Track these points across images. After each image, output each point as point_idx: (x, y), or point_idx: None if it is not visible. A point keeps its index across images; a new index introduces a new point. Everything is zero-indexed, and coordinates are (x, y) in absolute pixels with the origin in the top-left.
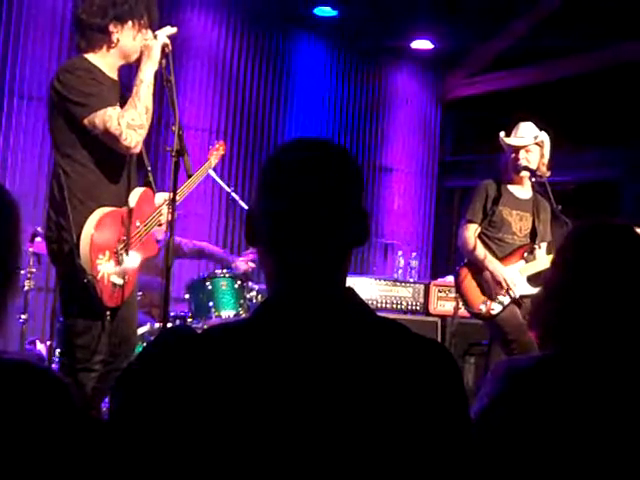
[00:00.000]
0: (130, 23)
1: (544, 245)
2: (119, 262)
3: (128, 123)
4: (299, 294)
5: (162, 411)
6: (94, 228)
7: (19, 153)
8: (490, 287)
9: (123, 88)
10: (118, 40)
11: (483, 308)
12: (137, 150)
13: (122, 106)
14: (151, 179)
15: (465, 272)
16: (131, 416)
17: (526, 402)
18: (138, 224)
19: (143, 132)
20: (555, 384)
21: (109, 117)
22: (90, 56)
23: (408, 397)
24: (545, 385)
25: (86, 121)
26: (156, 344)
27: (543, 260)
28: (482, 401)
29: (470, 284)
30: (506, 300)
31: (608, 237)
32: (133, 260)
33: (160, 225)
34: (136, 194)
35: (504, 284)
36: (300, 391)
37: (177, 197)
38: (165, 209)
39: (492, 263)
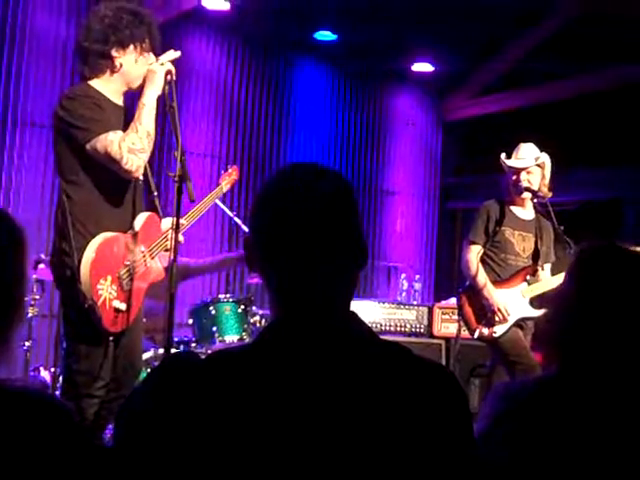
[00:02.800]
0: (132, 47)
1: (547, 266)
2: (122, 287)
3: (129, 147)
4: (300, 319)
5: (166, 439)
6: (94, 252)
7: (22, 179)
8: (487, 314)
9: (129, 114)
10: (121, 65)
11: (485, 331)
12: (139, 174)
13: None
14: (157, 204)
15: (467, 295)
16: (135, 444)
17: (526, 422)
18: (143, 249)
19: (145, 156)
20: (554, 405)
21: (110, 142)
22: (94, 82)
23: (413, 421)
24: (544, 406)
25: (88, 146)
26: (159, 371)
27: (547, 282)
28: (481, 422)
29: (472, 307)
30: (507, 323)
31: (616, 260)
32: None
33: (167, 250)
34: (141, 219)
35: (499, 314)
36: (304, 416)
37: (185, 222)
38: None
39: (489, 292)
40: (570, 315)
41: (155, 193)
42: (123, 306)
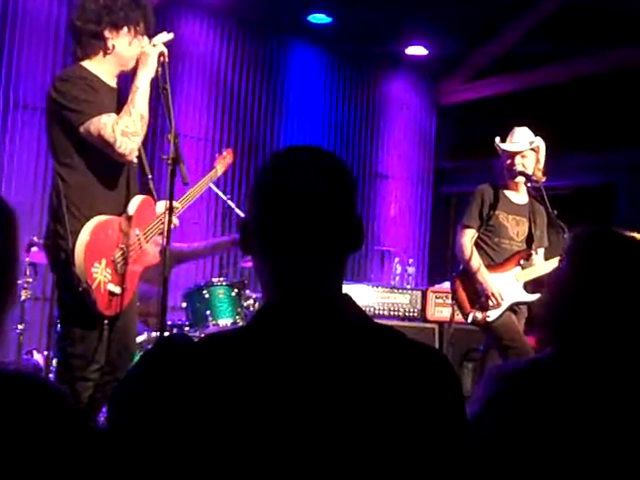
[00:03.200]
0: (125, 29)
1: (541, 251)
2: (116, 270)
3: (122, 130)
4: (294, 302)
5: (159, 422)
6: (89, 236)
7: (15, 162)
8: (481, 298)
9: (122, 96)
10: (114, 46)
11: (479, 315)
12: (132, 157)
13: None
14: (151, 187)
15: (461, 279)
16: (128, 427)
17: (519, 403)
18: (137, 232)
19: (138, 139)
20: (549, 386)
21: (103, 124)
22: (86, 63)
23: (406, 404)
24: (538, 386)
25: (81, 129)
26: (152, 354)
27: (541, 266)
28: (475, 405)
29: (466, 291)
30: (501, 308)
31: (613, 244)
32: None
33: (161, 234)
34: (136, 202)
35: (493, 299)
36: (297, 399)
37: (179, 205)
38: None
39: (483, 276)
40: (566, 299)
41: (149, 176)
42: (118, 289)
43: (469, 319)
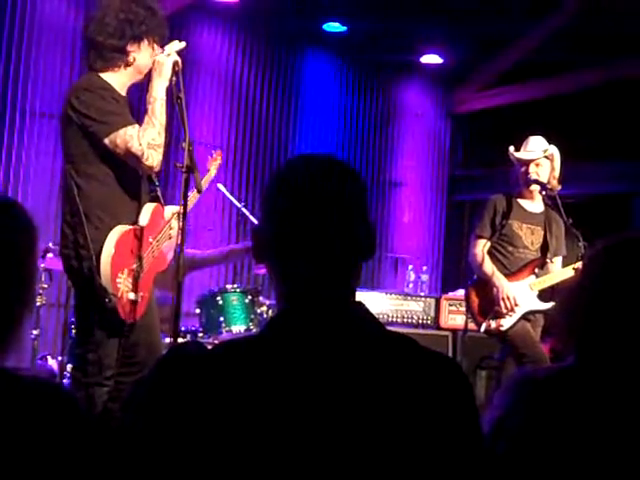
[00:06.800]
0: (146, 41)
1: (558, 259)
2: (136, 279)
3: (149, 143)
4: (308, 310)
5: (171, 428)
6: (114, 248)
7: (30, 170)
8: (496, 304)
9: (132, 106)
10: (135, 59)
11: (493, 324)
12: (158, 169)
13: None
14: (159, 194)
15: (475, 288)
16: (140, 432)
17: (543, 411)
18: (151, 240)
19: (162, 150)
20: (574, 394)
21: (130, 137)
22: (103, 74)
23: (419, 412)
24: (564, 395)
25: (107, 140)
26: (165, 361)
27: (555, 274)
28: (496, 411)
29: (480, 301)
30: (515, 316)
31: (636, 250)
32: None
33: (170, 238)
34: (148, 210)
35: (507, 302)
36: (310, 407)
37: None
38: (175, 223)
39: (499, 280)
40: (586, 305)
41: (157, 183)
42: (137, 297)
43: (482, 329)
